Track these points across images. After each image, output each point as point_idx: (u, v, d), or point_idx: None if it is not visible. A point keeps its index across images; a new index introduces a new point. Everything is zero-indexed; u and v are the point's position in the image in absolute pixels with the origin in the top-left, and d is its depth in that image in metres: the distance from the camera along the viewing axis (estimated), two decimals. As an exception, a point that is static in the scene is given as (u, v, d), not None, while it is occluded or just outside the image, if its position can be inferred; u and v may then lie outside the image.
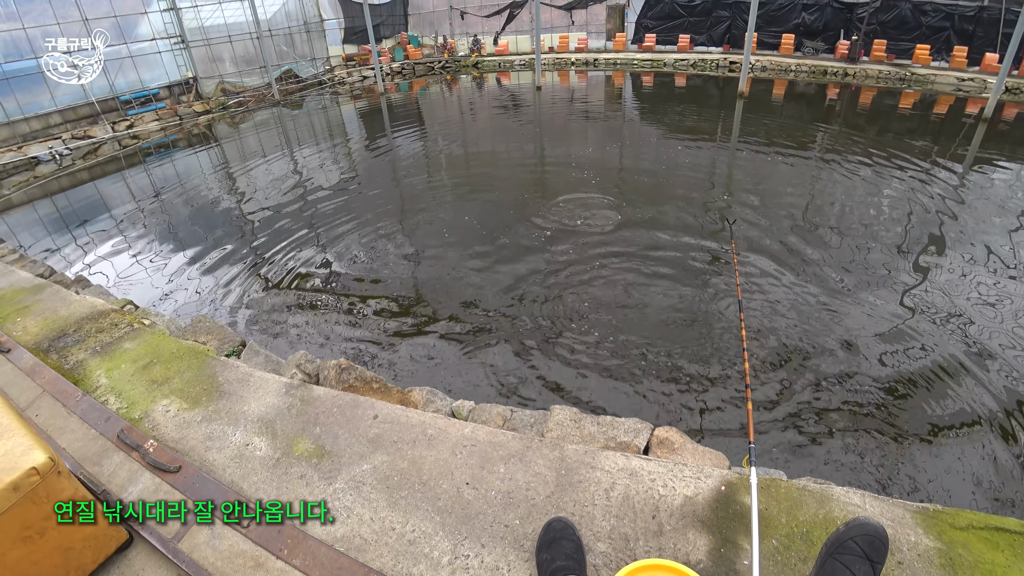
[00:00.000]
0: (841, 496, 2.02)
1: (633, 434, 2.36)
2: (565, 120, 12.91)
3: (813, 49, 18.80)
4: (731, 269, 4.94)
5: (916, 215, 6.98)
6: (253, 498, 2.07)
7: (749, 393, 2.39)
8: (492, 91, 17.58)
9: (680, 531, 1.90)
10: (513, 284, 5.19)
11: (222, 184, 9.11)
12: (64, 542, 1.68)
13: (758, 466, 2.44)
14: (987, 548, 1.81)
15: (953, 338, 4.34)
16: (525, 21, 21.23)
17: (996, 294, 4.99)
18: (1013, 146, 10.43)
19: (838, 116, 13.42)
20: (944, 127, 12.24)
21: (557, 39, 21.28)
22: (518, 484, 2.06)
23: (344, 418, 2.42)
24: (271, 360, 3.10)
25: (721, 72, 18.45)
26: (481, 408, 2.60)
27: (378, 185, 8.60)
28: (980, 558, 1.77)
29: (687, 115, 12.97)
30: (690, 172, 8.48)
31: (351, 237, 6.47)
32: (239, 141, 12.41)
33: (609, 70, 19.65)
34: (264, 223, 7.13)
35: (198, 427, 2.44)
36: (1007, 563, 1.76)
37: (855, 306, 4.80)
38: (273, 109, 15.31)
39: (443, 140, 11.53)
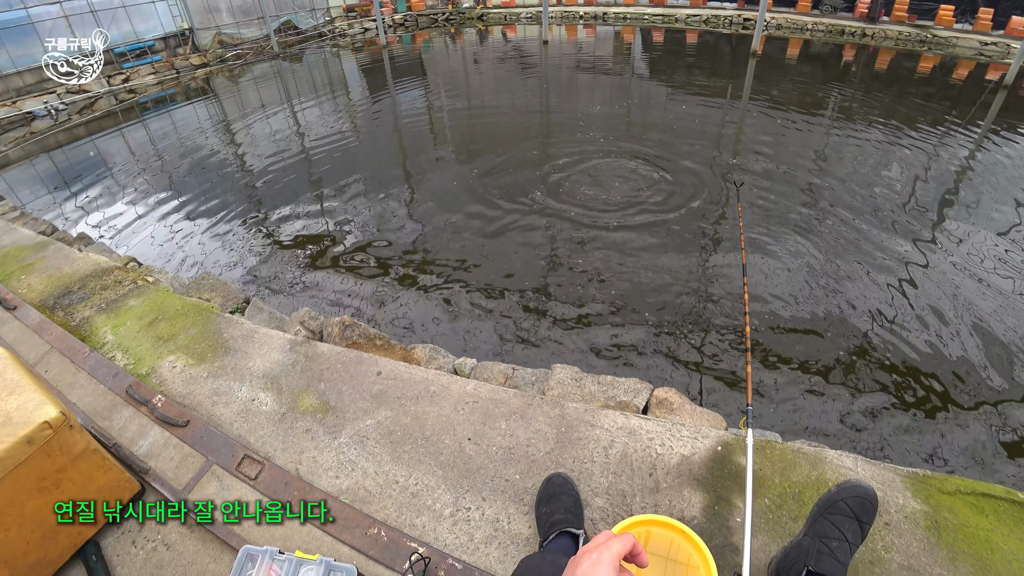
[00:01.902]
0: (834, 459, 2.06)
1: (633, 394, 2.40)
2: (571, 76, 12.58)
3: (832, 7, 18.13)
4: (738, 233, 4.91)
5: (927, 183, 6.89)
6: (260, 452, 2.13)
7: (749, 356, 2.41)
8: (497, 45, 17.08)
9: (676, 488, 1.95)
10: (519, 245, 5.18)
11: (222, 139, 8.98)
12: (79, 492, 1.74)
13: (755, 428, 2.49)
14: (972, 512, 1.86)
15: (962, 310, 4.35)
16: (533, -28, 20.45)
17: (1006, 265, 4.97)
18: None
19: (853, 79, 13.04)
20: (962, 93, 11.88)
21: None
22: (519, 440, 2.11)
23: (348, 374, 2.46)
24: (275, 317, 3.12)
25: (734, 29, 17.86)
26: (483, 366, 2.63)
27: (381, 142, 8.47)
28: (965, 521, 1.82)
29: (696, 75, 12.64)
30: (697, 136, 8.32)
31: (354, 194, 6.42)
32: (238, 95, 12.17)
33: (619, 25, 19.04)
34: (266, 179, 7.06)
35: (204, 383, 2.48)
36: (990, 527, 1.81)
37: (862, 273, 4.79)
38: (272, 62, 14.93)
39: (447, 97, 11.28)
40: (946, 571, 1.67)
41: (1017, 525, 1.82)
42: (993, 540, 1.76)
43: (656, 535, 1.53)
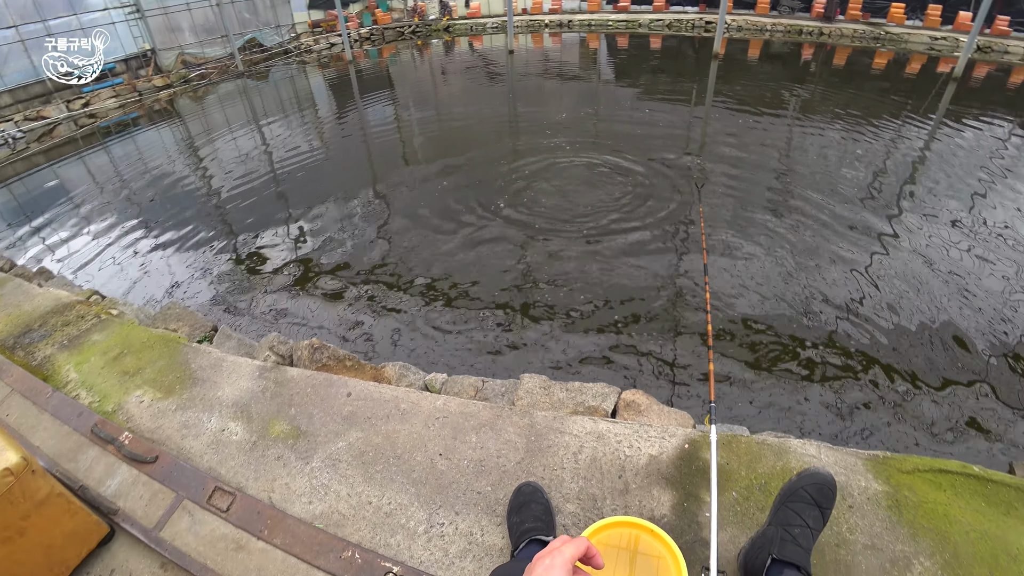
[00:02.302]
0: (798, 448, 2.13)
1: (601, 398, 2.44)
2: (538, 84, 12.72)
3: (789, 8, 18.64)
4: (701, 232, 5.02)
5: (888, 173, 7.15)
6: (231, 483, 2.12)
7: (711, 354, 2.48)
8: (464, 56, 17.18)
9: (645, 489, 1.99)
10: (488, 255, 5.22)
11: (188, 162, 8.87)
12: (45, 540, 1.71)
13: (722, 423, 2.56)
14: (931, 489, 1.94)
15: (925, 295, 4.52)
16: (497, -18, 20.65)
17: (961, 251, 5.18)
18: (983, 105, 10.60)
19: (813, 76, 13.42)
20: (916, 86, 12.33)
21: (531, 0, 20.76)
22: (489, 452, 2.14)
23: (318, 397, 2.46)
24: (244, 344, 3.10)
25: (697, 32, 18.25)
26: (453, 380, 2.65)
27: (349, 158, 8.46)
28: (924, 498, 1.90)
29: (661, 79, 12.87)
30: (663, 137, 8.48)
31: (323, 213, 6.40)
32: (204, 116, 12.02)
33: (584, 32, 19.30)
34: (233, 202, 6.99)
35: (173, 416, 2.46)
36: (948, 501, 1.89)
37: (828, 263, 4.95)
38: (238, 81, 14.79)
39: (415, 109, 11.31)
40: (908, 547, 1.74)
41: (973, 497, 1.91)
42: (951, 514, 1.84)
43: (626, 536, 1.58)
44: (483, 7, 21.19)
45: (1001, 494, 1.91)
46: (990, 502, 1.89)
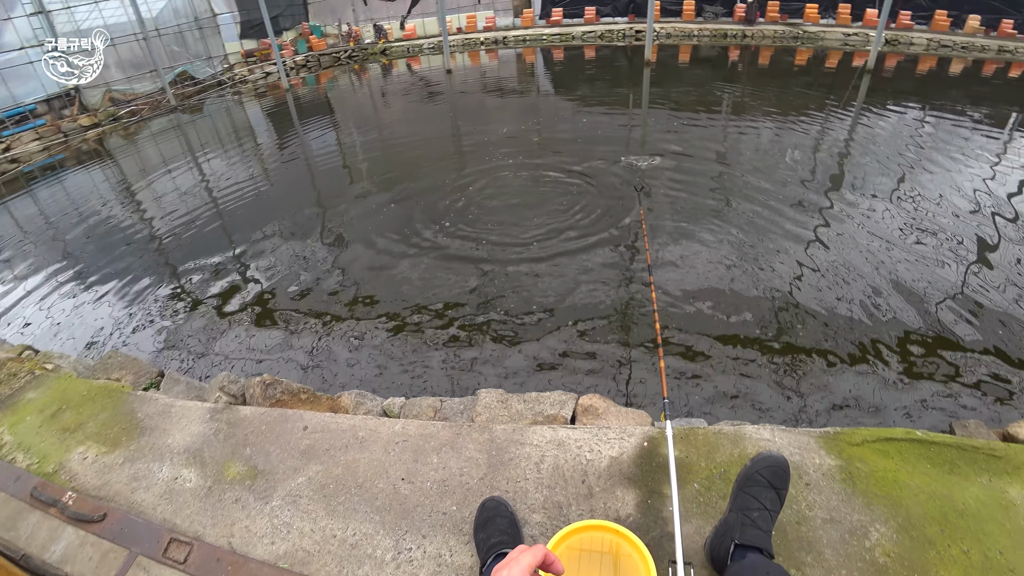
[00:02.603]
0: (753, 433, 2.22)
1: (559, 406, 2.49)
2: (478, 101, 12.86)
3: (713, 13, 19.53)
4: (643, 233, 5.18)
5: (819, 160, 7.62)
6: (188, 532, 2.05)
7: (661, 352, 2.58)
8: (402, 78, 17.20)
9: (609, 491, 2.04)
10: (440, 274, 5.22)
11: (122, 202, 8.52)
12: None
13: (678, 417, 2.65)
14: (879, 458, 2.06)
15: (865, 271, 4.84)
16: (431, 3, 20.77)
17: (889, 230, 5.57)
18: (896, 93, 11.44)
19: (741, 76, 14.09)
20: (836, 79, 13.13)
21: (465, 19, 21.00)
22: (452, 471, 2.15)
23: (274, 434, 2.42)
24: (193, 386, 3.01)
25: (628, 41, 18.86)
26: (412, 403, 2.65)
27: (293, 186, 8.32)
28: (874, 467, 2.01)
29: (598, 87, 13.24)
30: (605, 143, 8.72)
31: (268, 245, 6.26)
32: (137, 154, 11.59)
33: (519, 47, 19.65)
34: (173, 240, 6.76)
35: (121, 469, 2.36)
36: (896, 467, 2.01)
37: (770, 252, 5.20)
38: (171, 116, 14.34)
39: (357, 133, 11.24)
40: (864, 516, 1.84)
41: (919, 461, 2.03)
42: (900, 479, 1.96)
43: (593, 539, 1.62)
44: (418, 29, 21.29)
45: (944, 454, 2.06)
46: (934, 463, 2.02)
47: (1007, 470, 1.99)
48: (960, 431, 2.47)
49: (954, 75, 13.81)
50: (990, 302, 4.37)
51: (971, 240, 5.30)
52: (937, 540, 1.76)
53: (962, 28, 16.85)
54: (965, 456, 2.04)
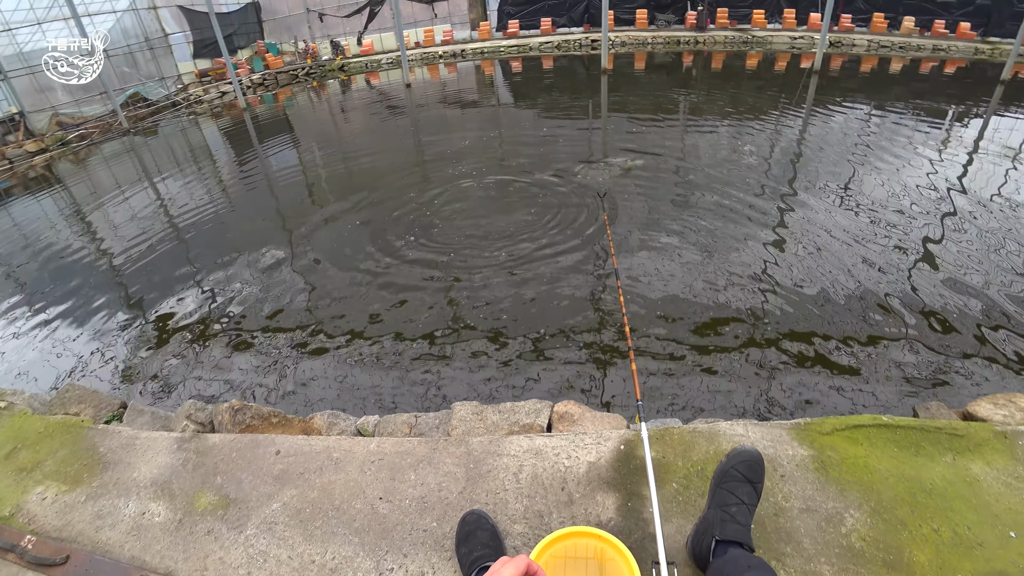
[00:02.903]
0: (727, 430, 2.26)
1: (535, 415, 2.49)
2: (439, 114, 12.88)
3: (665, 21, 20.06)
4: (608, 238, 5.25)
5: (776, 158, 7.90)
6: (159, 568, 1.97)
7: (632, 355, 2.61)
8: (362, 93, 17.11)
9: (589, 496, 2.04)
10: (408, 289, 5.18)
11: (74, 230, 8.20)
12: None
13: (653, 418, 2.68)
14: (849, 445, 2.12)
15: (826, 262, 5.03)
16: (388, 18, 20.78)
17: (850, 218, 5.83)
18: (843, 92, 11.98)
19: (695, 80, 14.49)
20: (786, 80, 13.64)
21: (422, 33, 21.06)
22: (430, 487, 2.12)
23: (245, 461, 2.35)
24: (158, 417, 2.90)
25: (584, 51, 19.22)
26: (386, 420, 2.61)
27: (254, 207, 8.15)
28: (845, 455, 2.07)
29: (557, 97, 13.42)
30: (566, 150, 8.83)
31: (230, 267, 6.10)
32: (88, 179, 11.19)
33: (478, 60, 19.80)
34: (131, 266, 6.53)
35: (83, 508, 2.26)
36: (866, 453, 2.08)
37: (733, 249, 5.34)
38: (124, 139, 13.91)
39: (319, 150, 11.11)
40: (838, 503, 1.89)
41: (887, 445, 2.10)
42: (871, 464, 2.02)
43: (576, 545, 1.62)
44: (376, 44, 21.25)
45: (909, 437, 2.13)
46: (901, 446, 2.10)
47: (969, 448, 2.08)
48: (923, 413, 2.56)
49: (895, 73, 14.51)
50: (938, 287, 4.57)
51: (920, 229, 5.56)
52: (909, 521, 1.82)
53: (899, 29, 17.73)
54: (929, 437, 2.13)
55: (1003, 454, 2.05)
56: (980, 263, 4.90)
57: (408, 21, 20.43)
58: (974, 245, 5.20)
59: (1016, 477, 1.96)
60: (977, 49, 16.14)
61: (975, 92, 12.06)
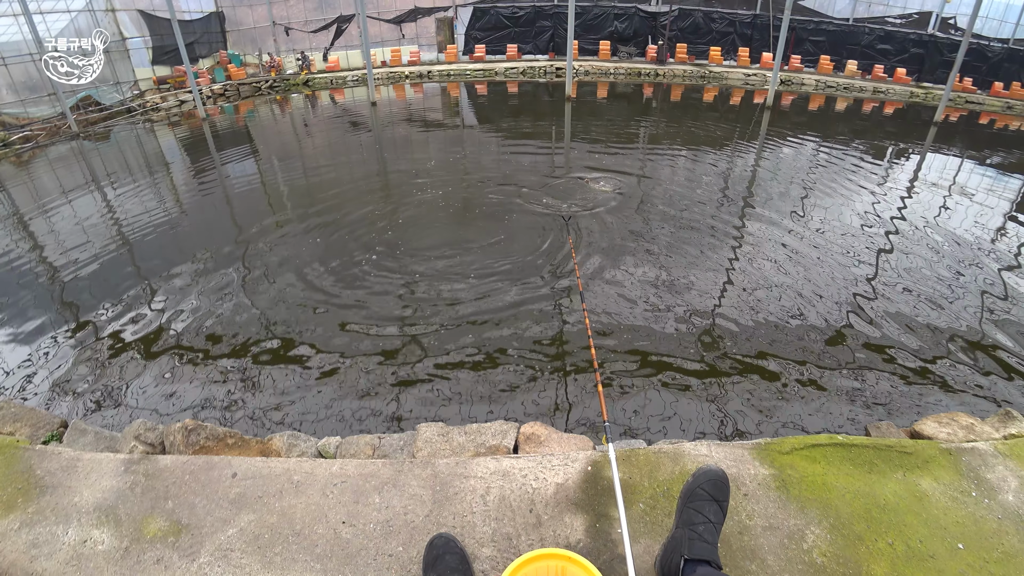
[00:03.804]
0: (691, 450, 2.30)
1: (501, 436, 2.47)
2: (403, 134, 12.88)
3: (627, 53, 20.80)
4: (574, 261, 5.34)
5: (732, 187, 8.26)
6: (99, 598, 1.84)
7: (599, 376, 2.64)
8: (326, 109, 16.97)
9: (557, 518, 2.03)
10: (368, 308, 5.10)
11: (12, 235, 7.73)
12: None
13: (618, 439, 2.70)
14: (808, 463, 2.19)
15: (783, 284, 5.27)
16: (355, 35, 20.79)
17: (799, 243, 6.11)
18: (793, 127, 12.69)
19: (655, 111, 15.01)
20: (740, 114, 14.32)
21: (389, 53, 21.14)
22: (395, 511, 2.07)
23: (199, 484, 2.23)
24: (103, 437, 2.74)
25: (549, 78, 19.69)
26: (348, 441, 2.54)
27: (208, 219, 7.89)
28: (804, 473, 2.15)
29: (521, 121, 13.67)
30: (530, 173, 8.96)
31: (183, 278, 5.87)
32: (31, 182, 10.60)
33: (444, 81, 19.99)
34: (75, 275, 6.18)
35: (17, 536, 2.09)
36: (824, 471, 2.16)
37: (693, 272, 5.51)
38: (72, 143, 13.28)
39: (279, 164, 10.90)
40: (799, 520, 1.94)
41: (843, 463, 2.19)
42: (828, 482, 2.10)
43: (547, 568, 1.60)
44: (342, 61, 21.19)
45: (863, 455, 2.23)
46: (856, 464, 2.19)
47: (918, 464, 2.19)
48: (874, 432, 2.69)
49: (840, 111, 15.45)
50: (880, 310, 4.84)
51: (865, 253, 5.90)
52: (865, 535, 1.89)
53: (843, 71, 18.97)
54: (881, 455, 2.23)
55: (949, 470, 2.17)
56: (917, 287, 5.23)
57: (375, 40, 20.49)
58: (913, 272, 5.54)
59: (962, 491, 2.07)
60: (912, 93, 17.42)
61: (911, 132, 12.99)
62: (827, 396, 3.84)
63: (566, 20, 14.00)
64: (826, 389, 3.90)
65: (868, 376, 4.04)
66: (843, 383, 3.97)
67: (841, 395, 3.85)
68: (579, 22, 18.79)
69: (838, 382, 3.98)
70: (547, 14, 20.49)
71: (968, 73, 17.30)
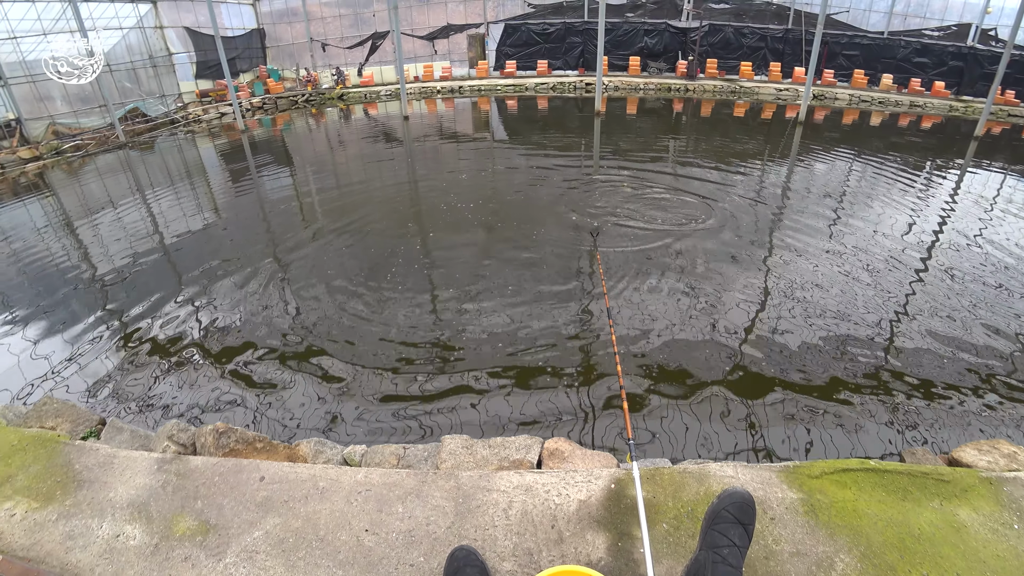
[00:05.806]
0: (717, 471, 2.26)
1: (525, 450, 2.47)
2: (435, 148, 13.06)
3: (657, 69, 20.77)
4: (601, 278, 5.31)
5: (764, 203, 8.13)
6: (129, 593, 1.90)
7: (624, 393, 2.62)
8: (360, 123, 17.36)
9: (579, 535, 2.02)
10: (399, 320, 5.16)
11: (62, 240, 8.09)
12: None
13: (642, 458, 2.67)
14: (838, 488, 2.13)
15: (817, 305, 5.14)
16: (389, 51, 21.28)
17: (835, 264, 5.98)
18: (825, 142, 12.45)
19: (686, 126, 14.92)
20: (772, 129, 14.13)
21: (422, 68, 21.56)
22: (418, 521, 2.08)
23: (228, 486, 2.29)
24: (138, 435, 2.83)
25: (579, 93, 19.77)
26: (373, 450, 2.57)
27: (247, 229, 8.13)
28: (834, 498, 2.08)
29: (551, 136, 13.73)
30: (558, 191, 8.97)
31: (220, 287, 6.04)
32: (80, 189, 11.12)
33: (475, 96, 20.26)
34: (118, 280, 6.44)
35: (54, 527, 2.17)
36: (855, 497, 2.08)
37: (723, 290, 5.42)
38: (119, 152, 13.89)
39: (313, 176, 11.18)
40: (828, 547, 1.88)
41: (875, 489, 2.11)
42: (859, 508, 2.03)
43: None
44: (376, 76, 21.70)
45: (897, 482, 2.15)
46: (889, 491, 2.11)
47: (955, 493, 2.10)
48: (909, 458, 2.59)
49: (875, 126, 15.11)
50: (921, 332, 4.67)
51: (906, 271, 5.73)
52: (898, 566, 1.82)
53: (878, 85, 18.57)
54: (916, 482, 2.15)
55: (989, 500, 2.08)
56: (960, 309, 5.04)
57: (409, 56, 20.94)
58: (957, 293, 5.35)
59: (1003, 523, 1.98)
60: (951, 106, 16.94)
61: (950, 147, 12.62)
62: (859, 418, 3.72)
63: (596, 36, 14.07)
64: (858, 411, 3.79)
65: (902, 399, 3.90)
66: (876, 407, 3.84)
67: (875, 418, 3.73)
68: (609, 38, 18.90)
69: (871, 406, 3.85)
70: (577, 30, 20.64)
71: (1011, 86, 16.72)
